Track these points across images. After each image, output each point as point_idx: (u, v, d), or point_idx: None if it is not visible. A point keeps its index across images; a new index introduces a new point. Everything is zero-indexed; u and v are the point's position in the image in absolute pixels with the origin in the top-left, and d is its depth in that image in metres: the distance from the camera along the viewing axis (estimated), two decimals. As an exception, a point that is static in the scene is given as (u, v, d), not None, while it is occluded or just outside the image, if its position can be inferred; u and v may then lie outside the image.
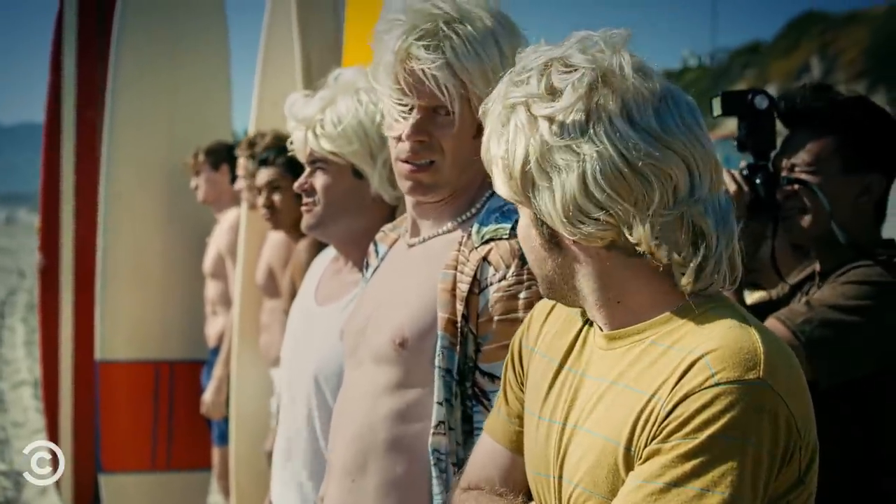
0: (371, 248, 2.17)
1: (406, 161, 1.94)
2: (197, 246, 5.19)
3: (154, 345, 5.14)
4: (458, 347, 1.83)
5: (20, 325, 15.57)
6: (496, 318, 1.82)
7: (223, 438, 4.79)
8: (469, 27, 1.87)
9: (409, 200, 2.02)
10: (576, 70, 1.42)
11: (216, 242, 5.07)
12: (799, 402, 1.36)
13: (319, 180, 2.45)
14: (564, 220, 1.40)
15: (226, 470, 4.72)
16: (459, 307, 1.83)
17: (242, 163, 4.30)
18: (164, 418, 5.18)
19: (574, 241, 1.43)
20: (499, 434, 1.66)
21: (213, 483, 5.35)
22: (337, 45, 3.61)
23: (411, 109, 1.91)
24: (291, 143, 2.51)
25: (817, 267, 2.35)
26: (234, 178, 4.72)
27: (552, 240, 1.46)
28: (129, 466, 5.13)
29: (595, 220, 1.39)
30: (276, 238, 4.20)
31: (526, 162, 1.42)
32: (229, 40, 5.31)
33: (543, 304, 1.64)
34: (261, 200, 3.97)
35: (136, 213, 5.08)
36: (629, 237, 1.39)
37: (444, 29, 1.86)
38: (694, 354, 1.36)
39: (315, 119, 2.41)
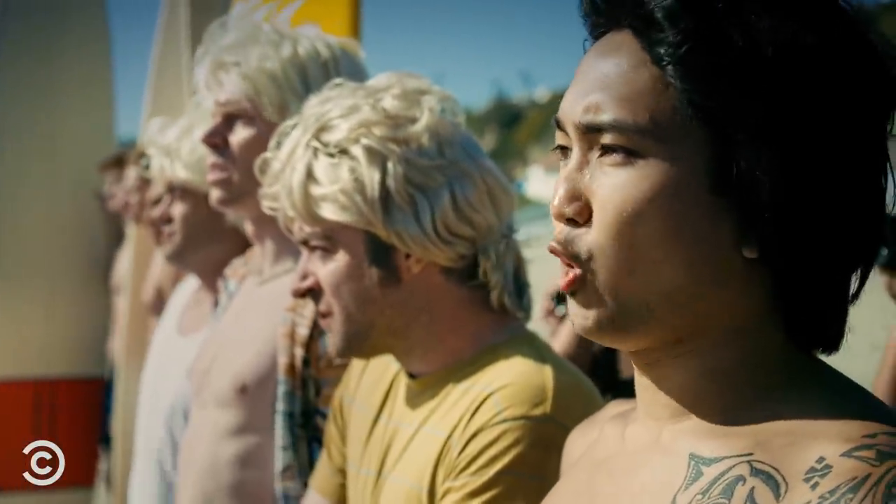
0: (221, 283, 2.12)
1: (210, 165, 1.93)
2: (83, 258, 5.04)
3: (34, 361, 4.99)
4: (298, 392, 1.79)
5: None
6: (336, 361, 1.78)
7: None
8: (284, 49, 1.85)
9: (249, 234, 1.99)
10: (420, 96, 1.43)
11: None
12: None
13: (177, 209, 2.39)
14: (436, 238, 1.39)
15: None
16: (299, 352, 1.78)
17: (133, 174, 4.15)
18: (45, 437, 5.03)
19: (418, 272, 1.42)
20: (323, 488, 1.65)
21: (95, 501, 5.22)
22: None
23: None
24: (148, 168, 2.44)
25: None
26: None
27: (392, 274, 1.42)
28: (5, 486, 4.97)
29: (463, 238, 1.40)
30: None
31: (384, 185, 1.39)
32: (112, 48, 5.19)
33: None
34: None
35: (16, 225, 4.92)
36: (484, 258, 1.42)
37: (255, 45, 1.85)
38: (486, 391, 1.35)
39: (172, 146, 2.35)
